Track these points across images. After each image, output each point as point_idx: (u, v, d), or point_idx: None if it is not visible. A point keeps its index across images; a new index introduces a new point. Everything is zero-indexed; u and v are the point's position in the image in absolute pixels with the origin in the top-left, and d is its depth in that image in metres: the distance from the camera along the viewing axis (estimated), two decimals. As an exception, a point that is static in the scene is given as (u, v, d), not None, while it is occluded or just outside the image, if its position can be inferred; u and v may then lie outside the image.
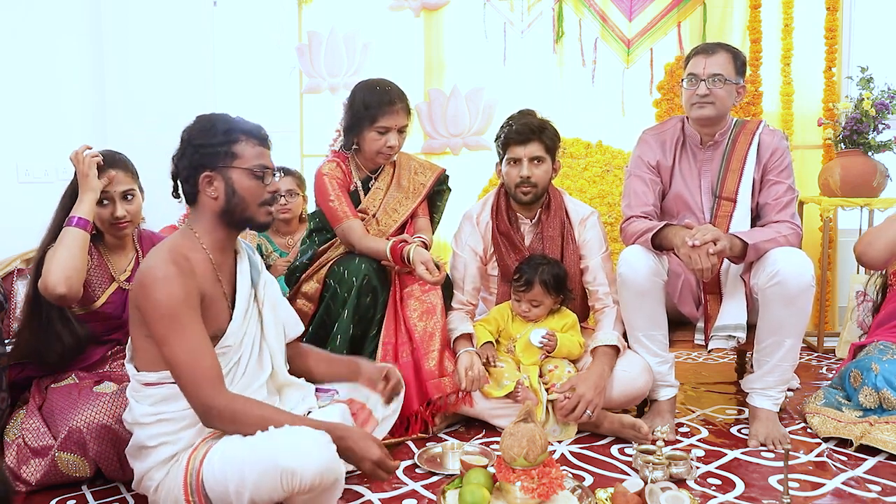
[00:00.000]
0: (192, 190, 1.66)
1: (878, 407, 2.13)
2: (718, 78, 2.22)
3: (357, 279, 2.25)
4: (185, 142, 1.66)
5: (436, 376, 2.23)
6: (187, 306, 1.55)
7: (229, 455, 1.51)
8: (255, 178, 1.66)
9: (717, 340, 2.29)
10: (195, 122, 1.68)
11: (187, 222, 1.71)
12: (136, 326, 1.61)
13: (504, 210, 2.47)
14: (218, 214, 1.66)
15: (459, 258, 2.49)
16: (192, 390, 1.53)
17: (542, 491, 1.56)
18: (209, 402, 1.52)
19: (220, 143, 1.63)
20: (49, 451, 1.83)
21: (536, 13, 3.68)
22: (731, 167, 2.30)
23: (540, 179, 2.39)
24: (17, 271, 2.30)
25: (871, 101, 3.13)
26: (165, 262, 1.56)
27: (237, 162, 1.64)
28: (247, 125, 1.69)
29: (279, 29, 3.86)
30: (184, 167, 1.65)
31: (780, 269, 2.08)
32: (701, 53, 2.27)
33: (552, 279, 2.33)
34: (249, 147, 1.66)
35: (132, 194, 2.07)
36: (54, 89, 3.40)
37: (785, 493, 1.70)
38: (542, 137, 2.37)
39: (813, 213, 3.46)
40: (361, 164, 2.49)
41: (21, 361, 2.05)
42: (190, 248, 1.64)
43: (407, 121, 2.43)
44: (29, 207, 3.15)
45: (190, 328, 1.54)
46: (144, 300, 1.54)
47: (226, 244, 1.71)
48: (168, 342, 1.52)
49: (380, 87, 2.40)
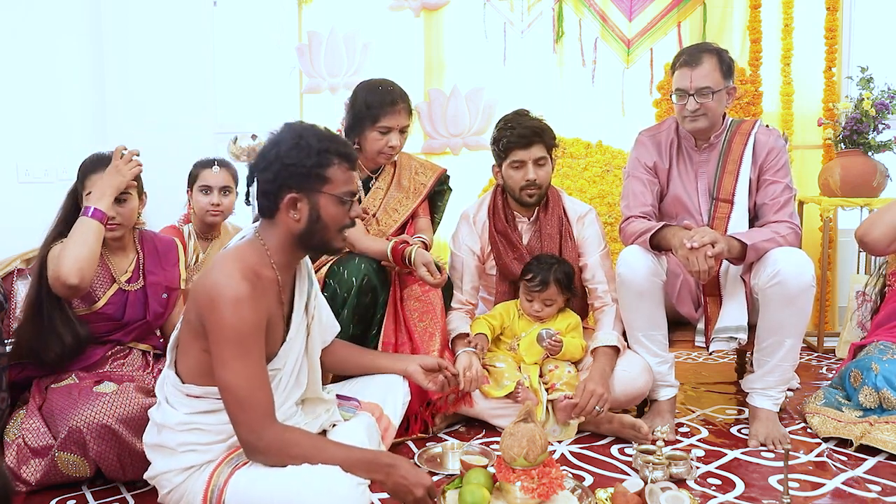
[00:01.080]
0: (272, 206, 1.56)
1: (878, 407, 2.13)
2: (706, 91, 2.20)
3: (356, 279, 2.24)
4: (273, 155, 1.54)
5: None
6: (254, 332, 1.48)
7: (259, 486, 1.46)
8: (341, 205, 1.58)
9: (718, 342, 2.28)
10: (286, 134, 1.57)
11: (257, 234, 1.61)
12: (193, 337, 1.54)
13: (501, 209, 2.47)
14: (295, 236, 1.58)
15: (457, 258, 2.50)
16: (242, 420, 1.47)
17: (542, 491, 1.56)
18: (258, 435, 1.46)
19: (313, 164, 1.53)
20: (49, 451, 1.82)
21: (536, 13, 3.69)
22: (727, 168, 2.29)
23: (544, 180, 2.40)
24: (17, 271, 2.29)
25: (871, 101, 3.13)
26: (238, 280, 1.47)
27: (327, 187, 1.55)
28: (342, 147, 1.59)
29: (279, 29, 3.86)
30: (267, 181, 1.54)
31: (781, 268, 2.08)
32: (685, 66, 2.23)
33: (565, 277, 2.34)
34: (341, 172, 1.57)
35: (125, 197, 2.05)
36: (54, 89, 3.40)
37: (785, 493, 1.70)
38: (544, 138, 2.37)
39: (813, 213, 3.46)
40: (362, 163, 2.48)
41: (21, 361, 2.04)
42: (260, 263, 1.56)
43: (409, 121, 2.43)
44: (29, 207, 3.16)
45: (252, 355, 1.48)
46: (211, 316, 1.47)
47: (293, 265, 1.66)
48: (227, 366, 1.46)
49: (382, 87, 2.40)
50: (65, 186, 2.11)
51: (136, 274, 2.13)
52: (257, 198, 1.59)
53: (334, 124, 2.83)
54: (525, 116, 2.42)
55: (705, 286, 2.30)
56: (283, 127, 1.61)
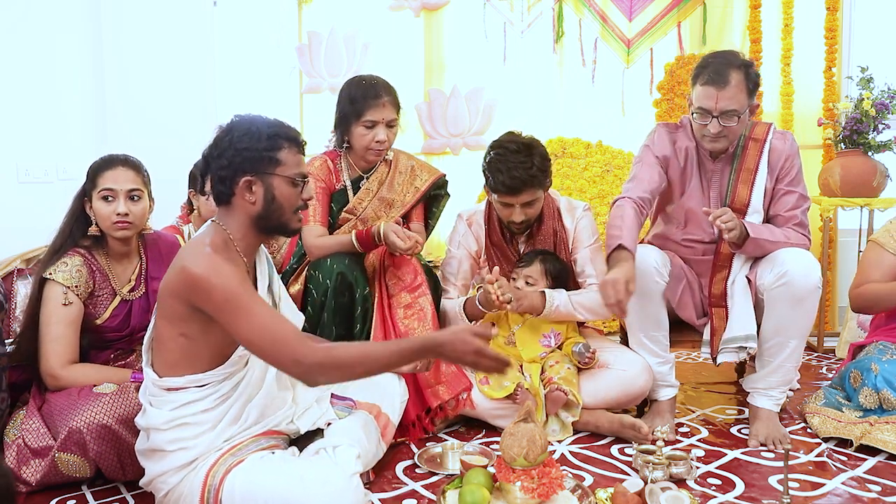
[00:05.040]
0: (228, 191, 1.62)
1: (878, 407, 2.13)
2: (732, 114, 2.09)
3: (331, 280, 2.20)
4: (226, 142, 1.61)
5: (432, 384, 2.22)
6: (242, 285, 1.52)
7: (255, 482, 1.49)
8: (294, 186, 1.65)
9: (726, 354, 2.22)
10: (238, 123, 1.64)
11: (217, 221, 1.66)
12: (169, 325, 1.58)
13: (497, 221, 2.44)
14: (253, 219, 1.64)
15: (454, 256, 2.48)
16: (284, 356, 1.47)
17: (542, 491, 1.57)
18: (306, 359, 1.47)
19: (264, 147, 1.60)
20: (49, 451, 1.82)
21: (536, 13, 3.69)
22: (741, 177, 2.23)
23: (533, 215, 2.35)
24: (17, 271, 2.29)
25: (871, 101, 3.13)
26: (208, 254, 1.54)
27: (279, 169, 1.62)
28: (290, 131, 1.67)
29: (279, 29, 3.86)
30: (222, 167, 1.60)
31: (789, 269, 2.07)
32: (712, 84, 2.08)
33: (553, 266, 2.34)
34: (291, 154, 1.64)
35: (138, 195, 2.05)
36: (54, 89, 3.40)
37: (785, 493, 1.70)
38: (534, 185, 2.25)
39: (813, 213, 3.43)
40: (354, 162, 2.45)
41: (21, 363, 2.04)
42: (225, 248, 1.61)
43: (395, 115, 2.37)
44: (29, 207, 3.17)
45: (252, 302, 1.51)
46: (198, 292, 1.50)
47: (253, 249, 1.70)
48: (239, 324, 1.49)
49: (365, 80, 2.37)
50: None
51: (139, 281, 2.13)
52: (214, 186, 1.64)
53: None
54: (516, 153, 2.24)
55: (711, 297, 2.28)
56: (233, 118, 1.67)
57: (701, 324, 2.36)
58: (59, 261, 2.00)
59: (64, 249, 2.03)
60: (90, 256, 2.05)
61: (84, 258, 2.03)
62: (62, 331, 1.96)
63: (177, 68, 3.68)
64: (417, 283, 2.30)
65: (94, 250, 2.07)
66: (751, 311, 2.21)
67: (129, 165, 2.06)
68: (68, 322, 1.97)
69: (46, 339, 1.96)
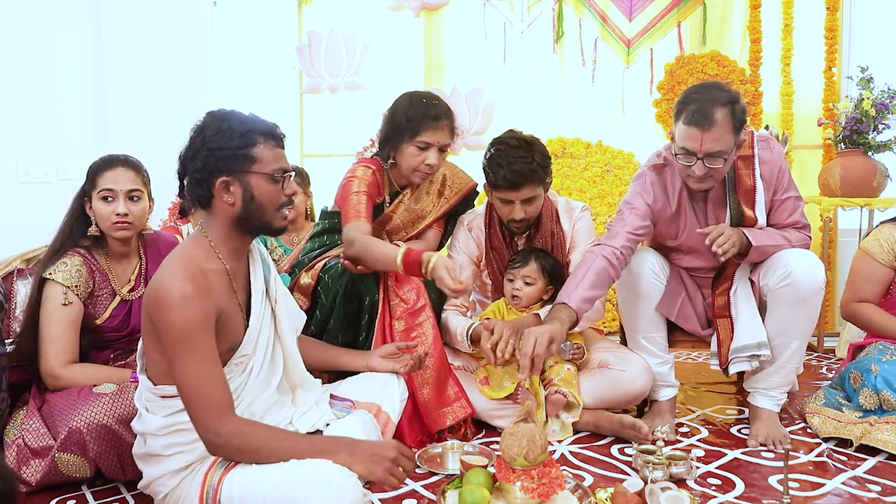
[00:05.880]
0: (206, 194, 1.56)
1: (878, 408, 2.13)
2: (718, 155, 2.01)
3: (340, 286, 2.16)
4: (199, 143, 1.55)
5: (434, 408, 2.18)
6: (202, 329, 1.48)
7: (253, 483, 1.47)
8: (273, 183, 1.58)
9: (737, 363, 2.17)
10: (209, 121, 1.58)
11: (200, 228, 1.62)
12: (152, 339, 1.55)
13: (497, 224, 2.44)
14: (234, 220, 1.58)
15: (455, 262, 2.47)
16: (198, 416, 1.48)
17: (542, 491, 1.56)
18: (216, 430, 1.47)
19: (237, 146, 1.54)
20: (49, 451, 1.82)
21: (536, 13, 3.69)
22: (743, 200, 2.16)
23: (533, 215, 2.33)
24: (17, 271, 2.29)
25: (871, 101, 3.13)
26: (182, 280, 1.48)
27: (256, 166, 1.55)
28: (264, 125, 1.60)
29: (279, 29, 3.86)
30: (196, 170, 1.55)
31: (793, 270, 2.07)
32: (696, 125, 1.98)
33: (548, 263, 2.33)
34: (268, 150, 1.57)
35: (138, 196, 2.06)
36: (54, 89, 3.40)
37: (785, 493, 1.70)
38: (534, 180, 2.23)
39: (813, 213, 3.45)
40: (394, 179, 2.38)
41: (21, 364, 2.04)
42: (205, 258, 1.57)
43: (450, 139, 2.29)
44: (29, 207, 3.17)
45: (202, 351, 1.48)
46: (159, 317, 1.48)
47: (241, 251, 1.66)
48: (179, 364, 1.47)
49: (426, 99, 2.28)
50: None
51: (139, 281, 2.13)
52: (192, 190, 1.59)
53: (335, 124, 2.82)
54: (516, 148, 2.23)
55: (715, 308, 2.26)
56: (206, 115, 1.61)
57: (706, 334, 2.34)
58: (59, 261, 2.00)
59: (64, 249, 2.03)
60: (90, 256, 2.05)
61: (84, 258, 2.04)
62: (62, 331, 1.96)
63: (177, 68, 3.69)
64: (420, 305, 2.24)
65: (93, 250, 2.07)
66: (758, 318, 2.18)
67: (128, 166, 2.07)
68: (68, 322, 1.97)
69: (46, 338, 1.96)
